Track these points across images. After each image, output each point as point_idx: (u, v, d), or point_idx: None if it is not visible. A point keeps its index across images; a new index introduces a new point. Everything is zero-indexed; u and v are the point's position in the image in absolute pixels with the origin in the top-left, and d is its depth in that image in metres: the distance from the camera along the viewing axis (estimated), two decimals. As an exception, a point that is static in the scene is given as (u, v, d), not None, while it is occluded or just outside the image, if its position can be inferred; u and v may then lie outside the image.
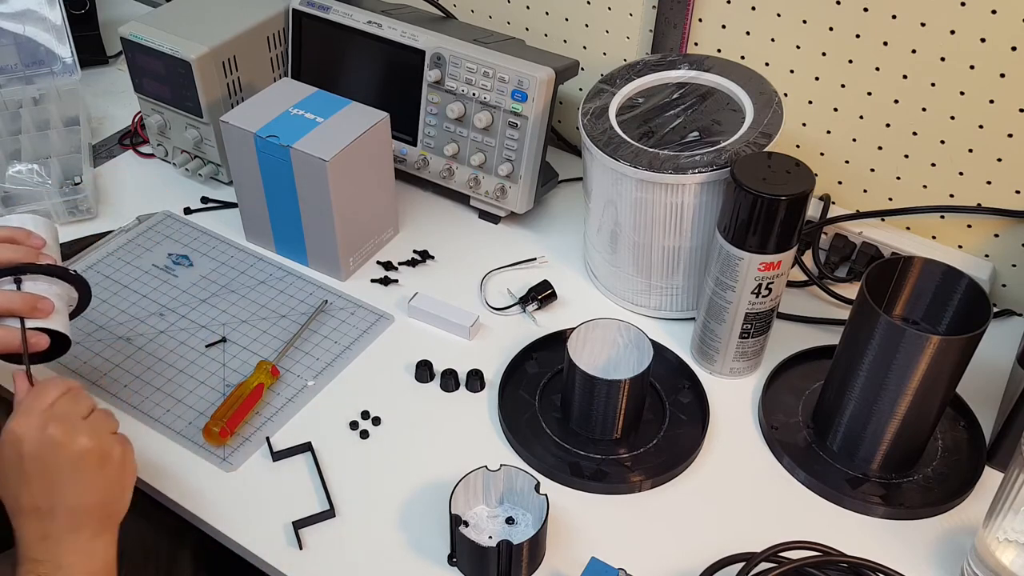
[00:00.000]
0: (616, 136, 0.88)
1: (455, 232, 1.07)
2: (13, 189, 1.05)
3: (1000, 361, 0.90)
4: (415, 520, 0.77)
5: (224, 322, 0.94)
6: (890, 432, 0.78)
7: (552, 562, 0.75)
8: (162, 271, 1.00)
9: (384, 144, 0.97)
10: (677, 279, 0.93)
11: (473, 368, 0.89)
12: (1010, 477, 0.67)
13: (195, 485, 0.79)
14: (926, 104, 0.93)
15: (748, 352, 0.88)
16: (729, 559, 0.74)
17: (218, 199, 1.10)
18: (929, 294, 0.79)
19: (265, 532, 0.76)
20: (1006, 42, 0.85)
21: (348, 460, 0.82)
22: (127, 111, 1.24)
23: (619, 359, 0.86)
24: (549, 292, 0.97)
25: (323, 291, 0.98)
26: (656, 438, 0.84)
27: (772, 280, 0.82)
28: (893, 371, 0.74)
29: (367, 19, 1.04)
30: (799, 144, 1.03)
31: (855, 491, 0.80)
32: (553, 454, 0.83)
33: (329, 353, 0.91)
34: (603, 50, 1.11)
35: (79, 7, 1.30)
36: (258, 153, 0.94)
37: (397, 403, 0.87)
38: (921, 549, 0.76)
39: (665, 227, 0.88)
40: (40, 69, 1.24)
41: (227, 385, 0.88)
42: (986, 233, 0.97)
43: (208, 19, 1.07)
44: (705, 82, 0.94)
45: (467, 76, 1.00)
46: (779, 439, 0.84)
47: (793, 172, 0.78)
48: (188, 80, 1.03)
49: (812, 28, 0.95)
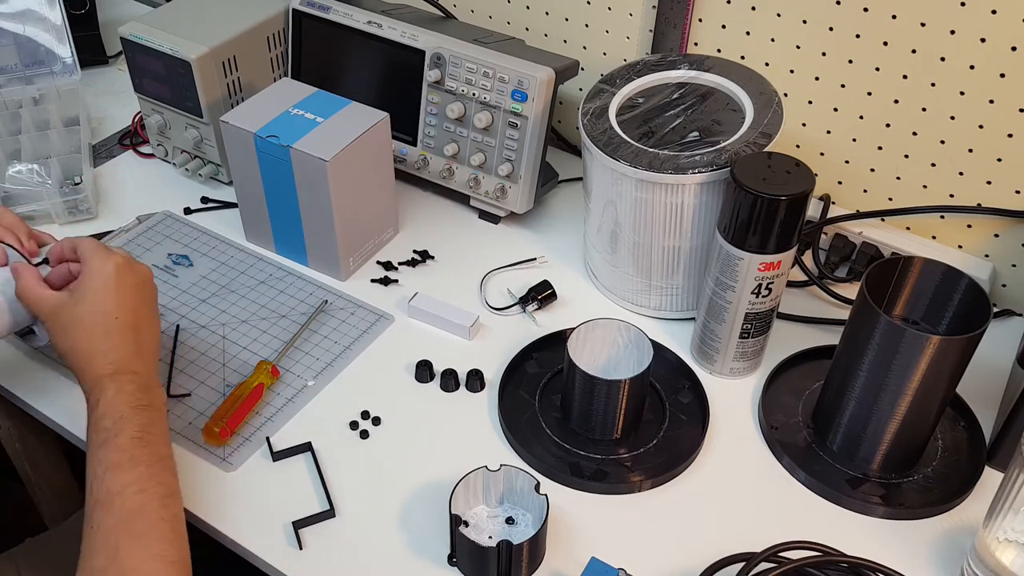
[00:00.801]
0: (616, 136, 0.88)
1: (455, 232, 1.07)
2: (13, 189, 1.05)
3: (1000, 361, 0.90)
4: (415, 520, 0.77)
5: (224, 322, 0.94)
6: (890, 432, 0.78)
7: (552, 562, 0.75)
8: (162, 271, 1.00)
9: (384, 144, 0.97)
10: (677, 279, 0.93)
11: (473, 368, 0.89)
12: (1010, 477, 0.67)
13: (195, 485, 0.79)
14: (926, 104, 0.93)
15: (748, 352, 0.88)
16: (729, 559, 0.74)
17: (218, 199, 1.10)
18: (929, 294, 0.79)
19: (265, 532, 0.76)
20: (1006, 42, 0.85)
21: (348, 460, 0.82)
22: (127, 111, 1.24)
23: (619, 359, 0.86)
24: (549, 292, 0.97)
25: (323, 291, 0.98)
26: (656, 438, 0.84)
27: (772, 280, 0.82)
28: (893, 371, 0.74)
29: (367, 19, 1.04)
30: (799, 144, 1.03)
31: (855, 491, 0.80)
32: (553, 454, 0.83)
33: (329, 353, 0.91)
34: (603, 50, 1.11)
35: (79, 7, 1.30)
36: (258, 153, 0.94)
37: (397, 403, 0.87)
38: (921, 549, 0.76)
39: (665, 227, 0.88)
40: (40, 69, 1.24)
41: (227, 385, 0.88)
42: (986, 233, 0.97)
43: (208, 19, 1.07)
44: (705, 82, 0.94)
45: (467, 76, 1.00)
46: (779, 439, 0.84)
47: (793, 172, 0.78)
48: (188, 80, 1.03)
49: (812, 28, 0.95)
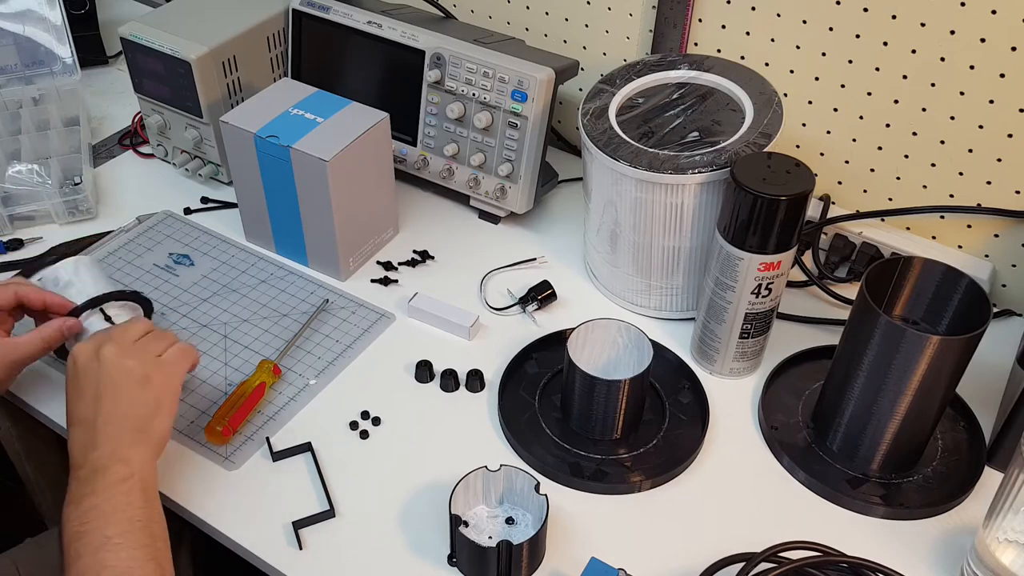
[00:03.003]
0: (616, 136, 0.88)
1: (455, 232, 1.07)
2: (13, 189, 1.05)
3: (1000, 361, 0.90)
4: (415, 520, 0.77)
5: (225, 321, 0.94)
6: (890, 432, 0.78)
7: (552, 562, 0.75)
8: (163, 270, 1.00)
9: (384, 144, 0.97)
10: (677, 279, 0.93)
11: (473, 368, 0.89)
12: (1010, 477, 0.67)
13: (196, 485, 0.79)
14: (926, 104, 0.93)
15: (748, 352, 0.88)
16: (729, 559, 0.74)
17: (218, 199, 1.10)
18: (929, 294, 0.79)
19: (265, 532, 0.76)
20: (1006, 42, 0.85)
21: (348, 460, 0.82)
22: (127, 111, 1.24)
23: (619, 359, 0.86)
24: (549, 292, 0.97)
25: (324, 290, 0.98)
26: (656, 438, 0.84)
27: (772, 280, 0.82)
28: (893, 371, 0.74)
29: (367, 19, 1.04)
30: (799, 144, 1.03)
31: (855, 491, 0.80)
32: (553, 454, 0.83)
33: (331, 352, 0.92)
34: (603, 50, 1.11)
35: (79, 7, 1.30)
36: (258, 153, 0.94)
37: (397, 403, 0.87)
38: (921, 549, 0.76)
39: (665, 227, 0.88)
40: (40, 69, 1.24)
41: (229, 384, 0.88)
42: (986, 233, 0.97)
43: (208, 19, 1.07)
44: (705, 82, 0.94)
45: (467, 76, 1.00)
46: (779, 439, 0.84)
47: (793, 172, 0.78)
48: (188, 80, 1.03)
49: (812, 28, 0.95)
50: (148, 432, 0.72)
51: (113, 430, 0.71)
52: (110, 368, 0.72)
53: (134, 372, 0.73)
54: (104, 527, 0.66)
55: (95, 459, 0.69)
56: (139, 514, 0.68)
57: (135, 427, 0.72)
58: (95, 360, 0.73)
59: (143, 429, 0.72)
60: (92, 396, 0.72)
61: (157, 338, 0.77)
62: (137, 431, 0.72)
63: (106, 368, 0.72)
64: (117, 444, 0.70)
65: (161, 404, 0.74)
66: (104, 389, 0.72)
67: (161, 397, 0.74)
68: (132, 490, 0.68)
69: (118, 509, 0.67)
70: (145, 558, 0.66)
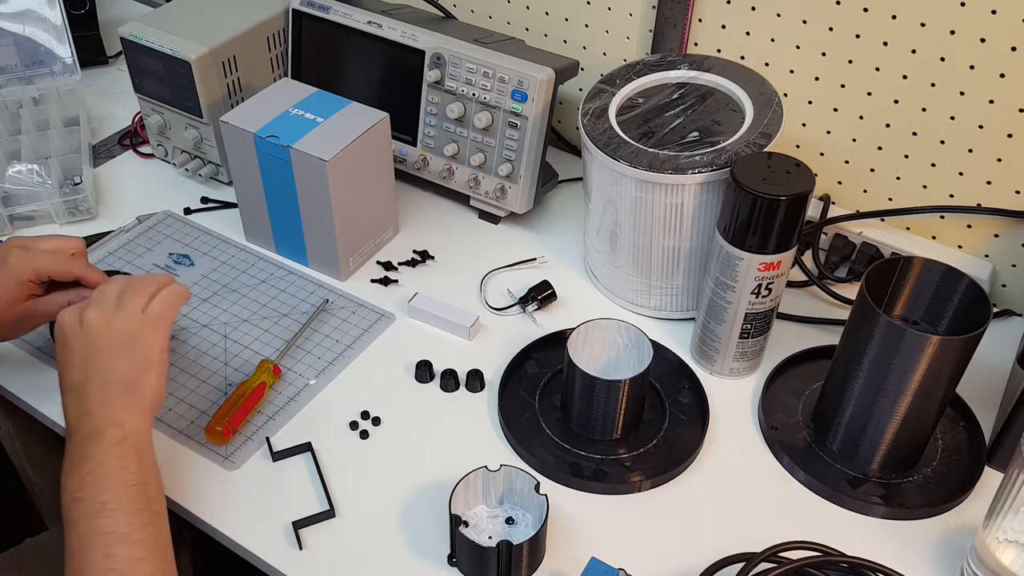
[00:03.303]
0: (616, 136, 0.88)
1: (455, 232, 1.07)
2: (13, 189, 1.05)
3: (1000, 361, 0.90)
4: (415, 520, 0.77)
5: (225, 321, 0.94)
6: (890, 432, 0.78)
7: (552, 562, 0.75)
8: (163, 270, 1.00)
9: (384, 144, 0.97)
10: (677, 279, 0.93)
11: (473, 368, 0.89)
12: (1010, 477, 0.67)
13: (196, 485, 0.79)
14: (926, 104, 0.93)
15: (748, 352, 0.88)
16: (729, 559, 0.74)
17: (218, 199, 1.10)
18: (929, 294, 0.79)
19: (265, 532, 0.76)
20: (1006, 42, 0.85)
21: (348, 460, 0.82)
22: (127, 111, 1.24)
23: (619, 359, 0.86)
24: (549, 292, 0.97)
25: (324, 290, 0.98)
26: (656, 438, 0.84)
27: (772, 280, 0.82)
28: (893, 371, 0.74)
29: (367, 19, 1.04)
30: (799, 144, 1.03)
31: (855, 491, 0.80)
32: (553, 454, 0.83)
33: (331, 352, 0.92)
34: (603, 50, 1.11)
35: (79, 7, 1.30)
36: (258, 153, 0.94)
37: (397, 403, 0.87)
38: (921, 549, 0.76)
39: (665, 227, 0.88)
40: (40, 69, 1.24)
41: (229, 384, 0.88)
42: (986, 233, 0.97)
43: (208, 19, 1.07)
44: (705, 82, 0.94)
45: (467, 76, 1.00)
46: (779, 439, 0.84)
47: (793, 172, 0.78)
48: (188, 80, 1.03)
49: (812, 28, 0.95)
50: (138, 393, 0.72)
51: (103, 395, 0.71)
52: (95, 333, 0.72)
53: (119, 333, 0.73)
54: (99, 493, 0.66)
55: (88, 425, 0.70)
56: (134, 478, 0.68)
57: (124, 390, 0.71)
58: (78, 326, 0.72)
59: (133, 391, 0.72)
60: (80, 363, 0.72)
61: (138, 292, 0.76)
62: (127, 393, 0.71)
63: (91, 333, 0.72)
64: (108, 409, 0.70)
65: (149, 362, 0.73)
66: (90, 355, 0.72)
67: (149, 354, 0.73)
68: (126, 454, 0.69)
69: (112, 474, 0.67)
70: (142, 523, 0.66)
